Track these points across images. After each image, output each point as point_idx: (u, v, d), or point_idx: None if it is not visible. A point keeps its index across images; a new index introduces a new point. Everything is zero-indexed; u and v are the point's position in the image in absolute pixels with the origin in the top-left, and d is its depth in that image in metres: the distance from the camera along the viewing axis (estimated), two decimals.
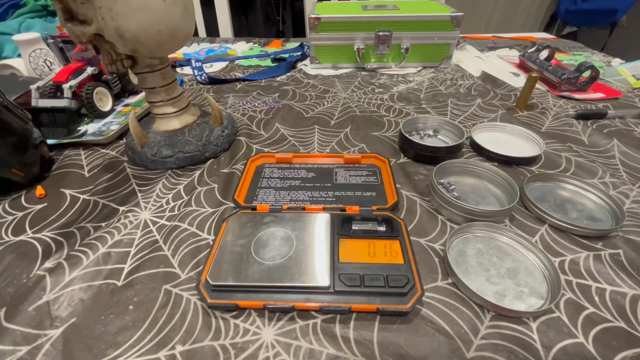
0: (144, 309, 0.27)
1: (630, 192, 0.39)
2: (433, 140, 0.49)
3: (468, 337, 0.25)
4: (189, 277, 0.30)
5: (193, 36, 0.99)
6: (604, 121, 0.55)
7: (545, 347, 0.24)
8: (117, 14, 0.31)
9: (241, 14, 1.63)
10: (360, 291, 0.27)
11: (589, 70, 0.62)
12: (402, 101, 0.63)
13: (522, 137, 0.49)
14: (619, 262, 0.31)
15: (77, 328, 0.26)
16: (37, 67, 0.65)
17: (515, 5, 1.91)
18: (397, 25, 0.73)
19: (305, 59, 0.85)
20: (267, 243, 0.30)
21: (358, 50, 0.75)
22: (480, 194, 0.39)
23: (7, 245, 0.33)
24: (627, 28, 1.75)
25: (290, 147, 0.49)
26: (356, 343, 0.25)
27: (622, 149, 0.47)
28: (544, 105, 0.60)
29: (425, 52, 0.77)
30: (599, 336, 0.25)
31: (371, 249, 0.30)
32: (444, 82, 0.71)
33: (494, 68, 0.77)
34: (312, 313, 0.27)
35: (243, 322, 0.26)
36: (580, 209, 0.37)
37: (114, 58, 0.35)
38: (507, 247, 0.32)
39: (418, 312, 0.27)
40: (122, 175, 0.43)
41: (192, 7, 0.37)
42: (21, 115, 0.39)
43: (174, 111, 0.44)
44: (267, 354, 0.24)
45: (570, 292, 0.28)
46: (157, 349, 0.25)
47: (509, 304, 0.27)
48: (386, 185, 0.39)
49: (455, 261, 0.31)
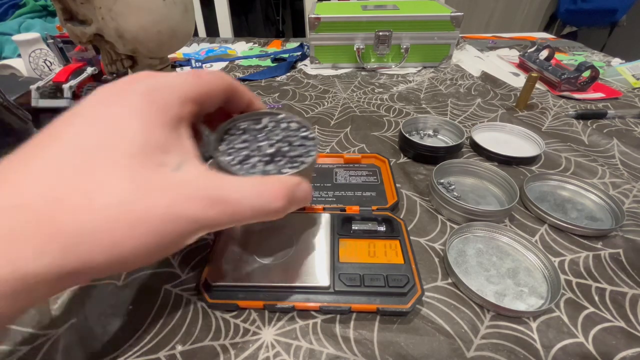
0: (144, 309, 0.27)
1: (630, 192, 0.39)
2: (433, 140, 0.49)
3: (468, 337, 0.25)
4: (189, 277, 0.30)
5: (193, 36, 0.99)
6: (604, 121, 0.55)
7: (545, 347, 0.24)
8: (117, 14, 0.31)
9: (241, 14, 1.63)
10: (360, 291, 0.27)
11: (588, 70, 0.62)
12: (402, 101, 0.63)
13: (522, 136, 0.49)
14: (619, 262, 0.31)
15: (77, 328, 0.26)
16: (37, 67, 0.65)
17: (515, 5, 1.91)
18: (397, 25, 0.73)
19: (305, 59, 0.85)
20: (267, 243, 0.30)
21: (358, 50, 0.75)
22: (480, 193, 0.39)
23: None
24: (627, 28, 1.75)
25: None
26: (356, 343, 0.25)
27: (622, 148, 0.47)
28: (544, 105, 0.60)
29: (425, 52, 0.77)
30: (599, 336, 0.25)
31: (371, 249, 0.30)
32: (443, 82, 0.71)
33: (494, 68, 0.77)
34: (312, 313, 0.27)
35: (243, 322, 0.26)
36: (580, 208, 0.37)
37: (114, 58, 0.36)
38: (507, 247, 0.32)
39: (418, 312, 0.27)
40: None
41: (192, 7, 0.37)
42: (21, 115, 0.39)
43: None
44: (267, 354, 0.24)
45: (570, 292, 0.28)
46: (157, 349, 0.25)
47: (509, 303, 0.27)
48: (386, 185, 0.39)
49: (455, 261, 0.31)
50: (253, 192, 0.17)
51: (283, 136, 0.23)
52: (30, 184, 0.14)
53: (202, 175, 0.17)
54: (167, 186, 0.15)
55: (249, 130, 0.23)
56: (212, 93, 0.20)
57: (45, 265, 0.13)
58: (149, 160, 0.15)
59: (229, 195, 0.16)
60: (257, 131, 0.23)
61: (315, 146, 0.23)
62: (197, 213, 0.16)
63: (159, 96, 0.17)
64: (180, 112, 0.18)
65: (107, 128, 0.15)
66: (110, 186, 0.14)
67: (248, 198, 0.17)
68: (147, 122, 0.16)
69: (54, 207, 0.13)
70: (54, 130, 0.16)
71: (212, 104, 0.21)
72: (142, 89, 0.17)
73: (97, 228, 0.13)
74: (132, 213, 0.14)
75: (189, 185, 0.16)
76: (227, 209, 0.16)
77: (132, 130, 0.15)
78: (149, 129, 0.16)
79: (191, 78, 0.19)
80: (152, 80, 0.18)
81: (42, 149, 0.15)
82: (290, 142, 0.23)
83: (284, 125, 0.24)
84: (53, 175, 0.14)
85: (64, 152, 0.14)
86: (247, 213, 0.17)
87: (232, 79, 0.22)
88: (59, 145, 0.15)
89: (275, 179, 0.19)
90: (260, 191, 0.17)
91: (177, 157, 0.16)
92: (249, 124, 0.24)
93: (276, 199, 0.18)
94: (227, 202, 0.16)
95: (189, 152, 0.17)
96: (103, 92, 0.17)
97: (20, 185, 0.14)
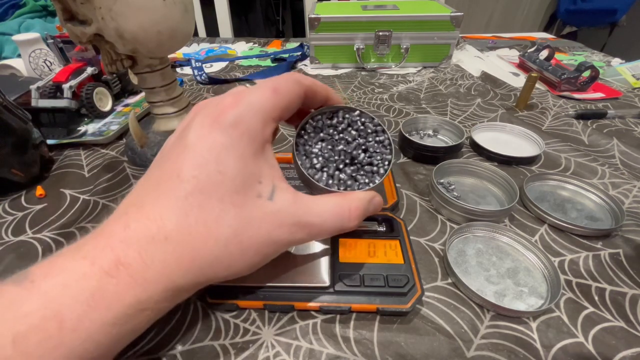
0: None
1: (630, 192, 0.39)
2: (433, 140, 0.49)
3: (468, 337, 0.25)
4: None
5: (193, 36, 0.99)
6: (604, 121, 0.55)
7: (545, 347, 0.24)
8: (117, 14, 0.31)
9: (241, 14, 1.63)
10: (360, 291, 0.27)
11: (588, 70, 0.62)
12: (402, 101, 0.63)
13: (522, 136, 0.49)
14: (619, 262, 0.31)
15: None
16: (37, 67, 0.65)
17: (515, 5, 1.92)
18: (397, 25, 0.73)
19: (305, 59, 0.85)
20: None
21: (358, 50, 0.75)
22: (480, 193, 0.39)
23: (7, 245, 0.33)
24: (627, 28, 1.75)
25: (290, 147, 0.49)
26: (356, 343, 0.25)
27: (622, 148, 0.48)
28: (544, 105, 0.60)
29: (425, 52, 0.77)
30: (599, 336, 0.25)
31: (371, 248, 0.30)
32: (443, 82, 0.71)
33: (494, 68, 0.77)
34: (312, 313, 0.27)
35: (243, 322, 0.26)
36: (580, 208, 0.37)
37: (114, 58, 0.35)
38: (506, 247, 0.32)
39: (418, 311, 0.27)
40: (122, 176, 0.43)
41: (192, 8, 0.37)
42: (21, 115, 0.39)
43: (174, 111, 0.44)
44: (267, 354, 0.24)
45: (570, 292, 0.28)
46: (157, 349, 0.25)
47: (509, 303, 0.27)
48: (386, 185, 0.39)
49: (455, 261, 0.31)
50: (333, 215, 0.21)
51: (359, 140, 0.24)
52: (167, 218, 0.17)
53: (292, 202, 0.20)
54: (264, 217, 0.19)
55: (324, 127, 0.24)
56: (291, 105, 0.21)
57: (188, 281, 0.18)
58: (248, 194, 0.19)
59: (314, 220, 0.20)
60: (331, 127, 0.24)
61: (391, 154, 0.24)
62: (289, 237, 0.20)
63: (246, 127, 0.19)
64: (265, 135, 0.20)
65: (212, 165, 0.18)
66: (224, 221, 0.18)
67: (329, 221, 0.21)
68: (242, 157, 0.19)
69: (188, 239, 0.17)
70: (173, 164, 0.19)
71: (292, 112, 0.22)
72: (231, 120, 0.19)
73: (219, 255, 0.18)
74: (242, 243, 0.18)
75: (281, 214, 0.19)
76: (313, 231, 0.20)
77: (231, 167, 0.18)
78: (244, 163, 0.19)
79: (270, 94, 0.20)
80: (238, 110, 0.19)
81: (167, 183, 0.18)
82: (367, 148, 0.24)
83: (359, 124, 0.24)
84: (182, 211, 0.18)
85: (186, 190, 0.18)
86: (327, 232, 0.21)
87: (309, 81, 0.23)
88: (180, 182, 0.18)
89: (353, 197, 0.22)
90: (340, 213, 0.21)
91: (270, 185, 0.20)
92: (324, 120, 0.24)
93: (352, 219, 0.21)
94: (312, 226, 0.20)
95: (276, 176, 0.21)
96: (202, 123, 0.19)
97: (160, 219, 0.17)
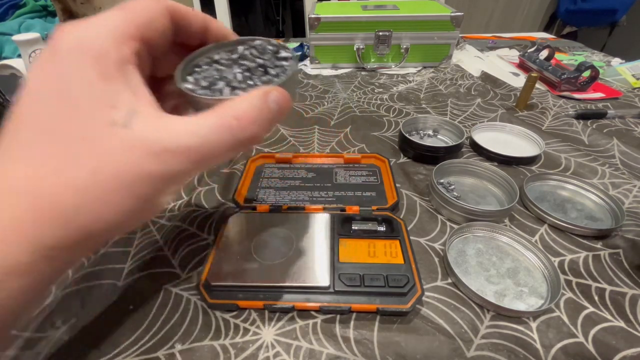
0: (144, 309, 0.27)
1: (630, 192, 0.39)
2: (433, 140, 0.49)
3: (468, 337, 0.25)
4: (189, 277, 0.30)
5: None
6: (604, 121, 0.55)
7: (545, 347, 0.24)
8: None
9: (241, 14, 1.63)
10: (360, 291, 0.27)
11: (588, 70, 0.62)
12: (402, 101, 0.63)
13: (522, 136, 0.49)
14: (619, 262, 0.31)
15: (78, 328, 0.26)
16: None
17: (515, 5, 1.91)
18: (397, 25, 0.73)
19: (305, 59, 0.85)
20: (267, 243, 0.30)
21: (358, 50, 0.75)
22: (480, 193, 0.39)
23: None
24: (627, 28, 1.75)
25: (290, 147, 0.49)
26: (356, 343, 0.25)
27: (622, 148, 0.48)
28: (544, 105, 0.60)
29: (425, 52, 0.77)
30: (599, 335, 0.25)
31: (371, 249, 0.30)
32: (443, 82, 0.71)
33: (494, 68, 0.77)
34: (312, 313, 0.27)
35: (243, 322, 0.26)
36: (579, 208, 0.37)
37: None
38: (507, 247, 0.32)
39: (418, 311, 0.27)
40: None
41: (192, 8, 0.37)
42: None
43: None
44: (267, 354, 0.24)
45: (570, 292, 0.28)
46: (156, 348, 0.25)
47: (509, 303, 0.27)
48: (386, 185, 0.39)
49: (455, 261, 0.31)
50: (216, 128, 0.16)
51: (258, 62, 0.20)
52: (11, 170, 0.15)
53: (156, 126, 0.15)
54: (123, 148, 0.15)
55: (222, 61, 0.20)
56: (151, 22, 0.17)
57: (58, 237, 0.14)
58: (98, 123, 0.15)
59: (190, 142, 0.15)
60: (231, 61, 0.20)
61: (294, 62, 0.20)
62: (164, 168, 0.15)
63: (89, 45, 0.15)
64: (119, 54, 0.16)
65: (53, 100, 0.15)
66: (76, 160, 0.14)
67: (213, 138, 0.15)
68: (87, 81, 0.15)
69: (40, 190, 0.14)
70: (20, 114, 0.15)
71: (159, 37, 0.18)
72: (71, 43, 0.15)
73: (81, 202, 0.14)
74: (105, 183, 0.14)
75: (144, 142, 0.15)
76: (193, 155, 0.15)
77: (74, 95, 0.15)
78: (90, 87, 0.15)
79: (117, 11, 0.17)
80: (78, 29, 0.16)
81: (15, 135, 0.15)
82: (266, 67, 0.20)
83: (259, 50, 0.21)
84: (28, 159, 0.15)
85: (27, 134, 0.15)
86: (217, 152, 0.16)
87: (175, 4, 0.19)
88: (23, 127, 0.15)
89: (238, 101, 0.16)
90: (224, 124, 0.16)
91: (125, 109, 0.15)
92: (222, 55, 0.21)
93: (244, 126, 0.16)
94: (190, 149, 0.15)
95: (140, 100, 0.16)
96: (41, 61, 0.16)
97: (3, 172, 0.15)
